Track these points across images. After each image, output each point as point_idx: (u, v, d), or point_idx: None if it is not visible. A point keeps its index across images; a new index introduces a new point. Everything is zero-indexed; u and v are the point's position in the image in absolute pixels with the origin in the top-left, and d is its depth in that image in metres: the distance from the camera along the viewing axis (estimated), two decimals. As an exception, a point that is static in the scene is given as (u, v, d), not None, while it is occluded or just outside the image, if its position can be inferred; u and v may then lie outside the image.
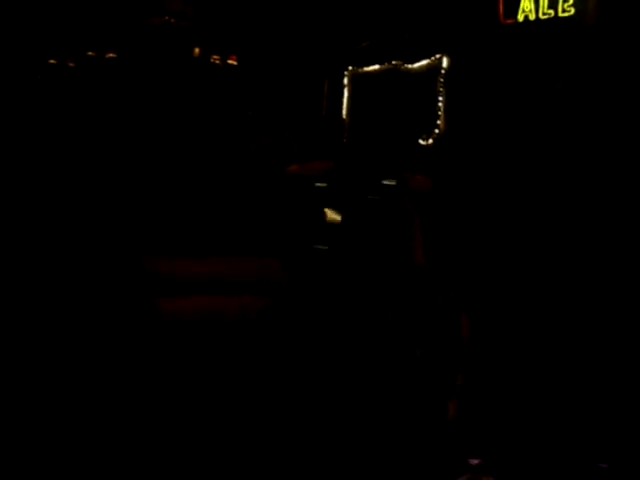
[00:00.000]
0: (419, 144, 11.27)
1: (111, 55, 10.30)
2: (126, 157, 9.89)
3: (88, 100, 10.42)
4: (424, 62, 11.40)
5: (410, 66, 11.52)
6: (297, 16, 12.01)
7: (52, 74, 10.51)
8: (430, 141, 11.22)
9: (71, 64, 10.63)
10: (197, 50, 10.82)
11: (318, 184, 10.16)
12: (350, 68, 12.08)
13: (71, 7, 10.47)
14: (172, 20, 10.13)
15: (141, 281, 6.80)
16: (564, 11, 9.68)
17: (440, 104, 11.16)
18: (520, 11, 10.09)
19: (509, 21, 10.26)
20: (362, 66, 12.02)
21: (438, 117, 11.15)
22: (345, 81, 12.05)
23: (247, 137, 9.98)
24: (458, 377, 3.43)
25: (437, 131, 11.17)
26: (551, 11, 9.82)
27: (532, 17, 10.00)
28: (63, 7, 10.37)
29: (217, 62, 10.72)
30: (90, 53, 10.28)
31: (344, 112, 12.04)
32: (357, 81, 12.08)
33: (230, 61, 10.78)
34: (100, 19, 10.34)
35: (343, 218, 3.85)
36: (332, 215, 9.69)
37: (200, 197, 9.55)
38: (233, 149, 9.95)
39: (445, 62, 11.12)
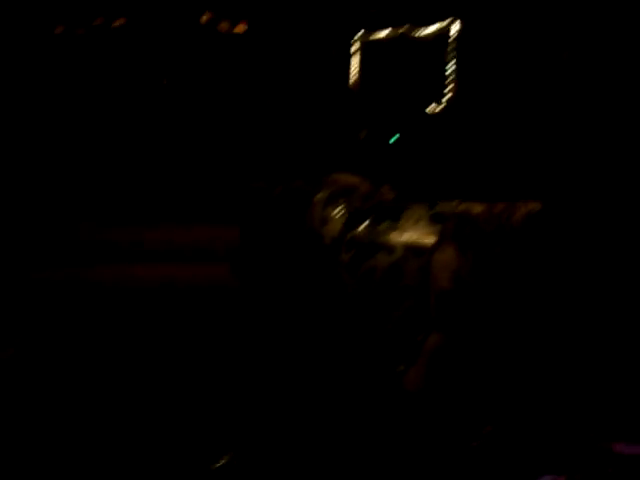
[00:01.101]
0: (427, 112, 11.21)
1: (120, 22, 10.25)
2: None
3: (96, 67, 10.39)
4: (434, 27, 11.29)
5: (420, 32, 11.41)
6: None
7: (60, 43, 10.46)
8: (439, 108, 11.15)
9: (80, 32, 10.58)
10: (205, 16, 10.75)
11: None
12: (360, 34, 11.97)
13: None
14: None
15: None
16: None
17: (450, 70, 11.07)
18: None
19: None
20: (371, 33, 11.92)
21: (448, 84, 11.07)
22: (353, 48, 11.95)
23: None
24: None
25: (446, 99, 11.09)
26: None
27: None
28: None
29: (225, 29, 10.66)
30: (98, 21, 10.23)
31: (352, 79, 11.96)
32: (366, 48, 11.98)
33: (239, 27, 10.71)
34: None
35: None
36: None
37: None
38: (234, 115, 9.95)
39: (456, 27, 11.02)
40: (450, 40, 11.10)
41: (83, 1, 10.37)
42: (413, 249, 3.59)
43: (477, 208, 3.60)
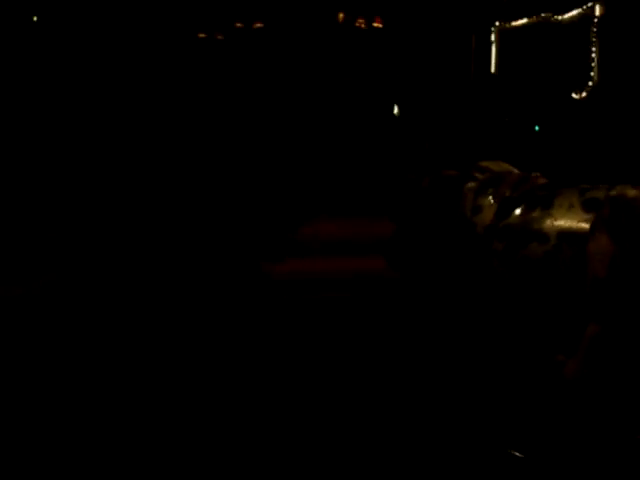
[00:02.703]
0: (572, 98, 10.90)
1: (258, 25, 10.48)
2: (277, 126, 10.12)
3: (238, 72, 10.67)
4: (575, 12, 10.97)
5: (560, 17, 11.12)
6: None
7: (202, 48, 10.80)
8: (583, 94, 10.83)
9: (220, 37, 10.90)
10: (341, 15, 10.84)
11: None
12: (497, 23, 11.79)
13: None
14: (317, -14, 10.21)
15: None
16: None
17: (593, 55, 10.74)
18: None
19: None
20: (510, 20, 11.71)
21: (591, 69, 10.74)
22: (493, 37, 11.77)
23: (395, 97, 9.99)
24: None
25: (590, 84, 10.77)
26: None
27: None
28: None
29: (362, 26, 10.72)
30: (238, 25, 10.50)
31: (493, 68, 11.78)
32: (505, 36, 11.78)
33: (375, 24, 10.75)
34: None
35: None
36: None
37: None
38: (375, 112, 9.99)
39: (598, 10, 10.67)
40: (593, 24, 10.77)
41: (223, 7, 10.66)
42: (567, 237, 3.50)
43: (631, 192, 3.48)
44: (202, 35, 10.75)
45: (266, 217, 8.25)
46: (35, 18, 9.77)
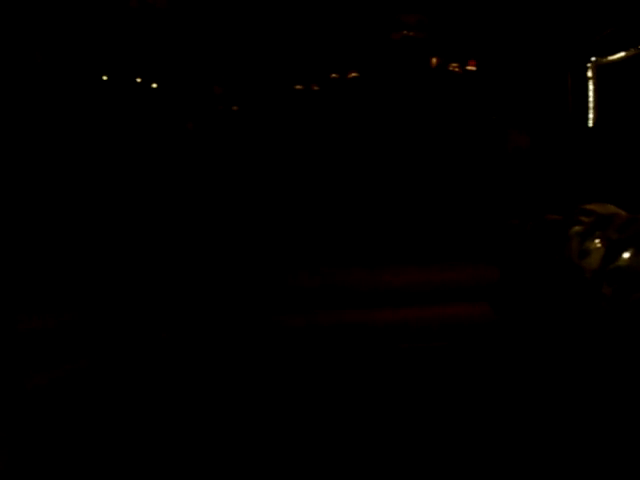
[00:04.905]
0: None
1: (353, 75, 10.66)
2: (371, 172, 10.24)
3: (333, 121, 10.85)
4: (675, 44, 10.71)
5: (660, 50, 10.86)
6: (533, 12, 11.74)
7: (299, 99, 11.05)
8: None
9: (315, 88, 11.13)
10: (435, 60, 10.91)
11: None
12: (593, 59, 11.61)
13: (312, 34, 10.93)
14: (410, 33, 10.31)
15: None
16: None
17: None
18: None
19: None
20: (606, 55, 11.51)
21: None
22: (589, 73, 11.59)
23: (494, 140, 9.92)
24: None
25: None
26: None
27: None
28: (308, 35, 10.85)
29: (456, 69, 10.75)
30: (334, 75, 10.70)
31: (591, 105, 11.59)
32: (602, 72, 11.58)
33: (469, 67, 10.77)
34: (341, 41, 10.72)
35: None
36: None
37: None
38: (479, 153, 9.94)
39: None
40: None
41: (318, 59, 10.89)
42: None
43: None
44: (299, 87, 11.00)
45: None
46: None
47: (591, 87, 11.58)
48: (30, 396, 4.28)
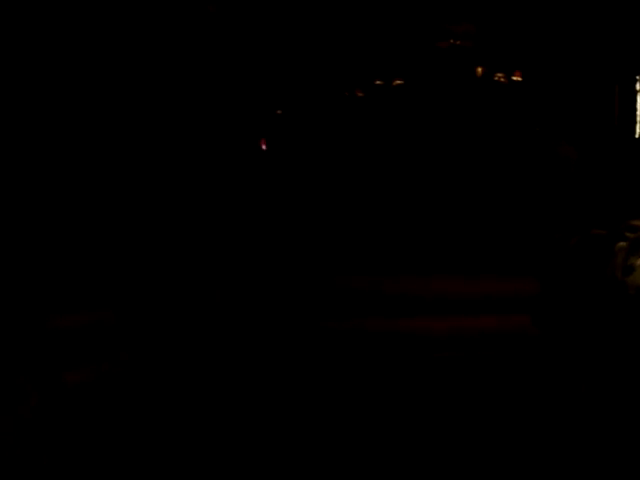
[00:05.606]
0: None
1: (398, 82, 10.65)
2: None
3: (376, 127, 10.87)
4: None
5: None
6: (582, 24, 11.64)
7: (344, 104, 11.10)
8: None
9: (360, 94, 11.16)
10: (480, 69, 10.86)
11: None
12: (643, 71, 11.46)
13: (359, 39, 10.96)
14: (457, 42, 10.28)
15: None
16: None
17: None
18: None
19: None
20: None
21: None
22: (638, 86, 11.45)
23: (541, 152, 9.86)
24: None
25: None
26: None
27: None
28: (352, 40, 10.88)
29: (501, 80, 10.69)
30: (378, 82, 10.71)
31: (638, 118, 11.44)
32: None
33: (515, 77, 10.70)
34: (387, 48, 10.72)
35: None
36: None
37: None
38: (526, 165, 9.88)
39: None
40: None
41: (363, 66, 10.92)
42: None
43: None
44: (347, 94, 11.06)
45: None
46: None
47: (639, 100, 11.43)
48: (67, 393, 4.34)
